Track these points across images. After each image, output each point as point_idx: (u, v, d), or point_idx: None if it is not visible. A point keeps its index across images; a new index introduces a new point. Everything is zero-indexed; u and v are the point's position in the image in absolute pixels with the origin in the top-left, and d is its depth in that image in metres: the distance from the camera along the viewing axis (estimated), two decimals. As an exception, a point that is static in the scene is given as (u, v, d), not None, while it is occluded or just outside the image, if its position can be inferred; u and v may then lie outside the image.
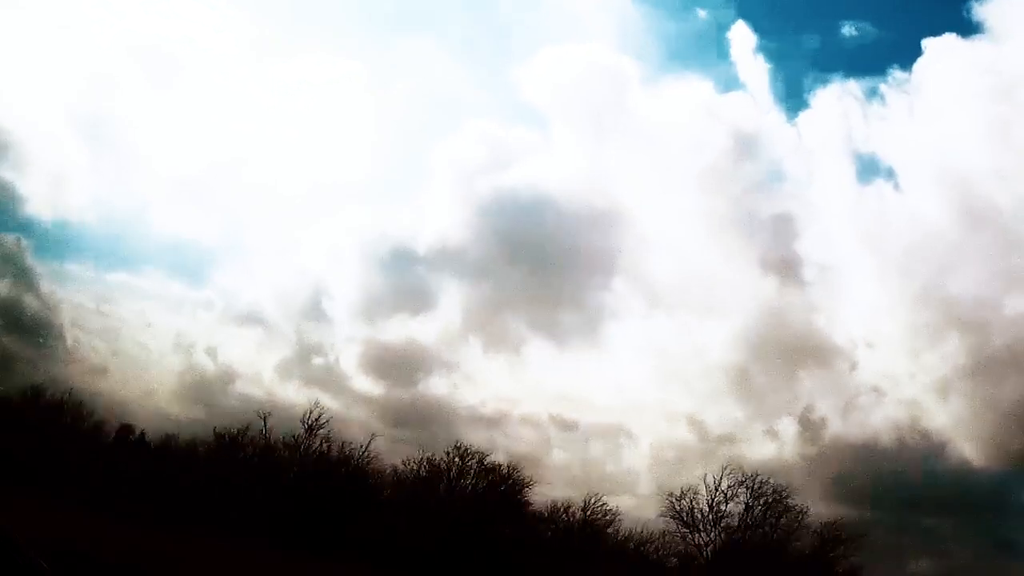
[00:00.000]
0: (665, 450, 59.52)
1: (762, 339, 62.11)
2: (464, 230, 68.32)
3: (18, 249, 55.44)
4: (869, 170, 71.61)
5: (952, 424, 56.96)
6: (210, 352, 60.94)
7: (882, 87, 69.26)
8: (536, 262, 66.14)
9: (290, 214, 77.11)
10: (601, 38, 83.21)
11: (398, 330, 63.82)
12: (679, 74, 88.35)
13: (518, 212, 67.58)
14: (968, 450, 56.19)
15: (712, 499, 49.15)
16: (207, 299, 68.07)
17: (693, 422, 60.05)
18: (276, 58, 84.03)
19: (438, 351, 62.52)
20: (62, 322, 53.91)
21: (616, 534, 49.63)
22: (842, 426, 58.16)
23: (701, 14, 78.98)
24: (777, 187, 69.36)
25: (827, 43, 77.08)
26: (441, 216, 69.28)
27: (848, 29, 76.78)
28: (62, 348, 53.04)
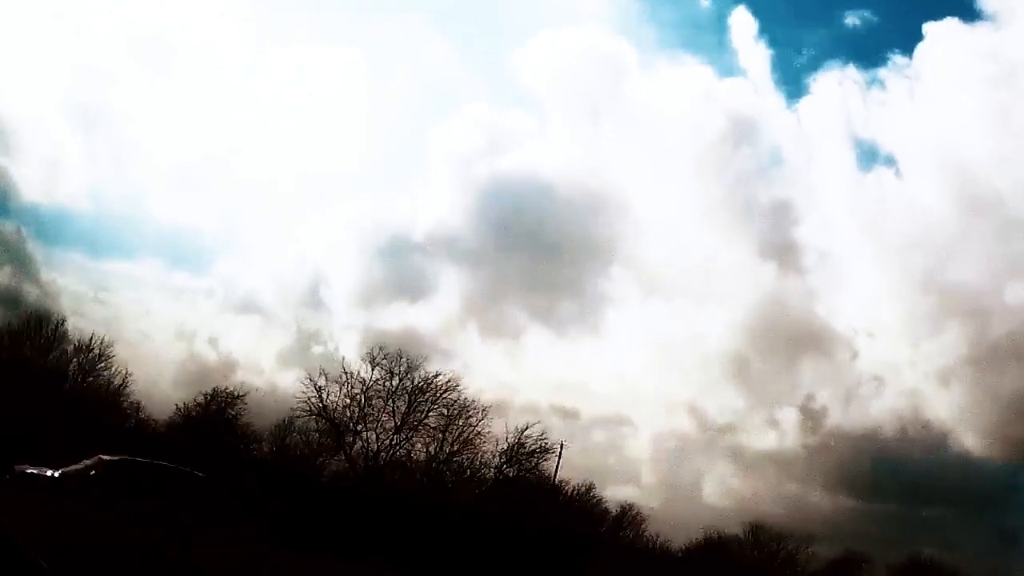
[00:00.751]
0: (666, 440, 59.57)
1: (761, 327, 62.35)
2: (461, 217, 68.33)
3: (18, 237, 54.75)
4: (869, 156, 72.18)
5: (954, 414, 57.57)
6: (211, 341, 60.81)
7: (883, 73, 69.66)
8: (533, 249, 66.20)
9: (288, 202, 77.25)
10: (599, 22, 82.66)
11: (396, 318, 63.69)
12: (678, 59, 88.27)
13: (515, 198, 67.50)
14: (970, 441, 57.08)
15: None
16: (206, 288, 68.18)
17: (693, 411, 60.48)
18: (273, 46, 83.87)
19: (436, 339, 62.59)
20: (62, 311, 53.18)
21: None
22: (843, 416, 58.79)
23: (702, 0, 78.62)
24: (777, 173, 69.72)
25: (828, 28, 77.24)
26: (438, 203, 69.45)
27: (849, 14, 76.83)
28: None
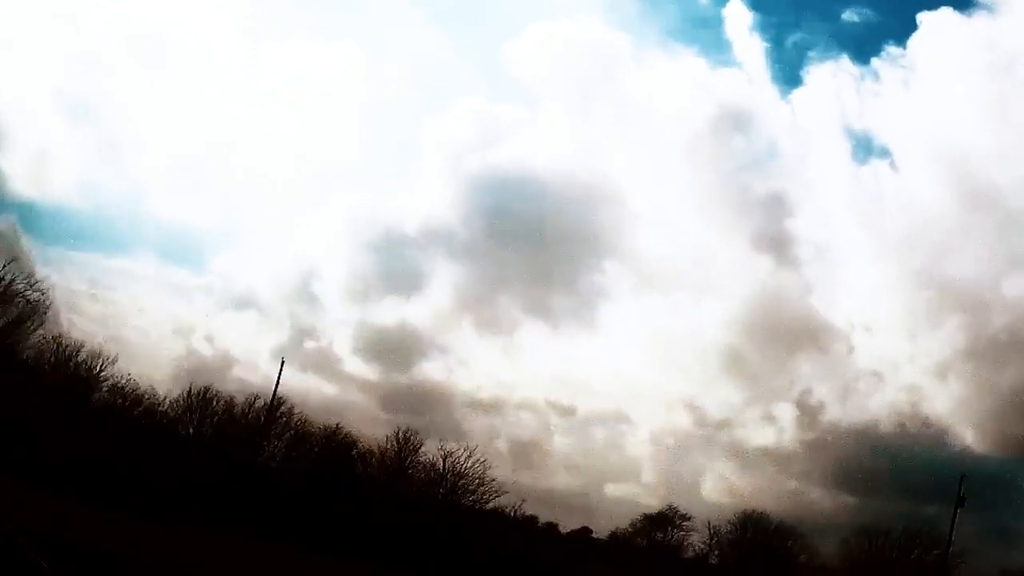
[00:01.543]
0: (664, 436, 59.35)
1: (757, 321, 62.04)
2: (454, 210, 67.96)
3: (13, 233, 54.44)
4: (865, 149, 71.21)
5: (953, 409, 57.17)
6: (208, 338, 60.52)
7: (878, 64, 68.76)
8: (528, 243, 65.80)
9: (283, 197, 76.47)
10: (593, 14, 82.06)
11: (390, 313, 63.51)
12: (672, 51, 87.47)
13: (509, 192, 67.16)
14: (969, 436, 56.32)
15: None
16: (202, 284, 67.62)
17: (691, 407, 60.15)
18: (269, 40, 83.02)
19: (431, 334, 62.39)
20: (58, 306, 52.94)
21: None
22: (841, 411, 58.37)
23: (696, -9, 78.29)
24: (772, 166, 69.04)
25: (822, 20, 76.67)
26: (431, 197, 68.82)
27: (843, 5, 76.32)
28: (59, 334, 51.88)
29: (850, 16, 75.25)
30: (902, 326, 61.34)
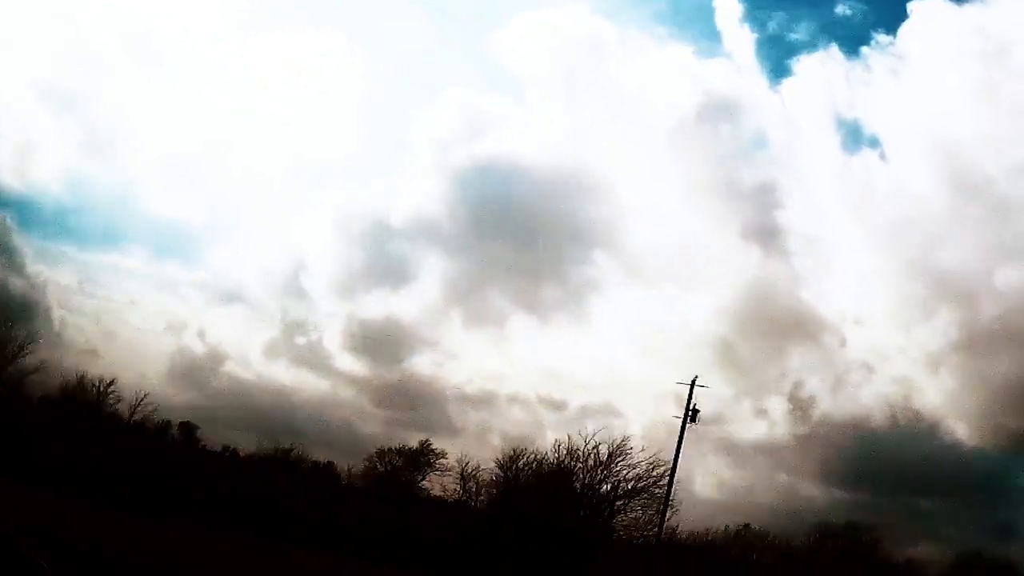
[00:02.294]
0: (656, 431, 59.27)
1: (747, 312, 62.29)
2: (441, 202, 67.84)
3: (4, 228, 54.48)
4: (855, 138, 71.34)
5: (945, 402, 57.44)
6: (200, 334, 60.51)
7: (867, 53, 68.79)
8: (515, 234, 65.90)
9: (272, 191, 76.55)
10: (580, 2, 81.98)
11: (379, 307, 63.58)
12: (661, 40, 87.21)
13: (496, 183, 67.38)
14: (961, 429, 56.68)
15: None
16: (192, 279, 67.44)
17: (681, 401, 59.80)
18: (258, 33, 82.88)
19: (419, 328, 62.35)
20: (49, 303, 53.18)
21: None
22: (832, 404, 58.58)
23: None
24: (761, 156, 68.96)
25: (813, 8, 76.63)
26: (418, 189, 68.76)
27: (834, -4, 76.20)
28: (50, 330, 52.12)
29: (841, 6, 75.36)
30: (893, 317, 61.64)
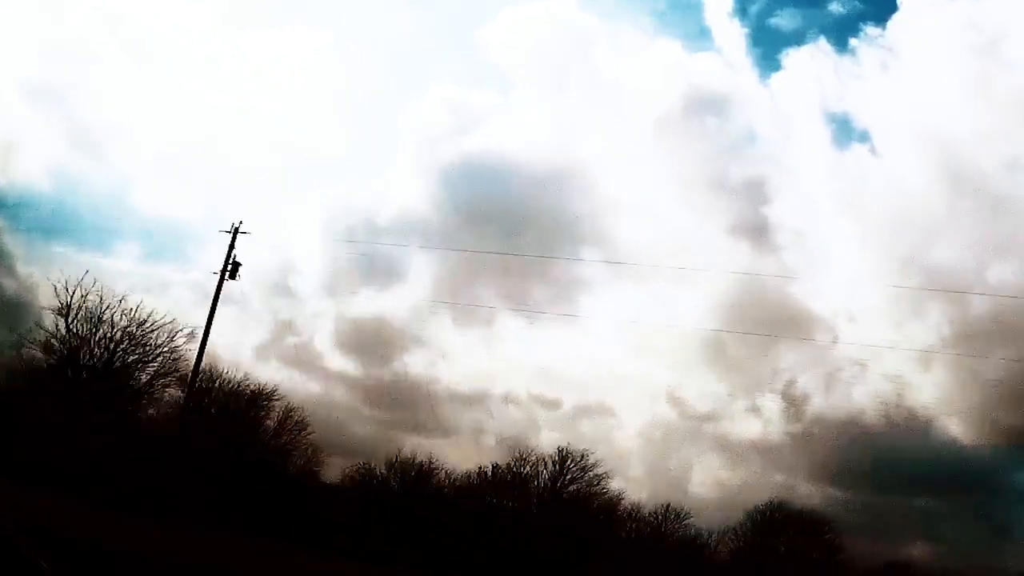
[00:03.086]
0: (651, 430, 59.40)
1: (738, 309, 61.52)
2: (429, 199, 67.28)
3: (-5, 229, 54.22)
4: (845, 133, 70.92)
5: (939, 399, 56.37)
6: (192, 335, 59.93)
7: (858, 47, 68.37)
8: (503, 231, 65.11)
9: (261, 190, 76.08)
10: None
11: (367, 305, 62.97)
12: (649, 35, 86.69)
13: (484, 179, 66.73)
14: (956, 427, 55.92)
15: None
16: (182, 279, 66.69)
17: (674, 399, 59.89)
18: (246, 30, 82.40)
19: (409, 326, 61.78)
20: (41, 304, 52.94)
21: None
22: (825, 402, 57.67)
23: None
24: (751, 151, 68.53)
25: (802, 1, 76.37)
26: (406, 186, 68.28)
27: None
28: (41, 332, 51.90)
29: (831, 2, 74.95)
30: (886, 314, 61.06)
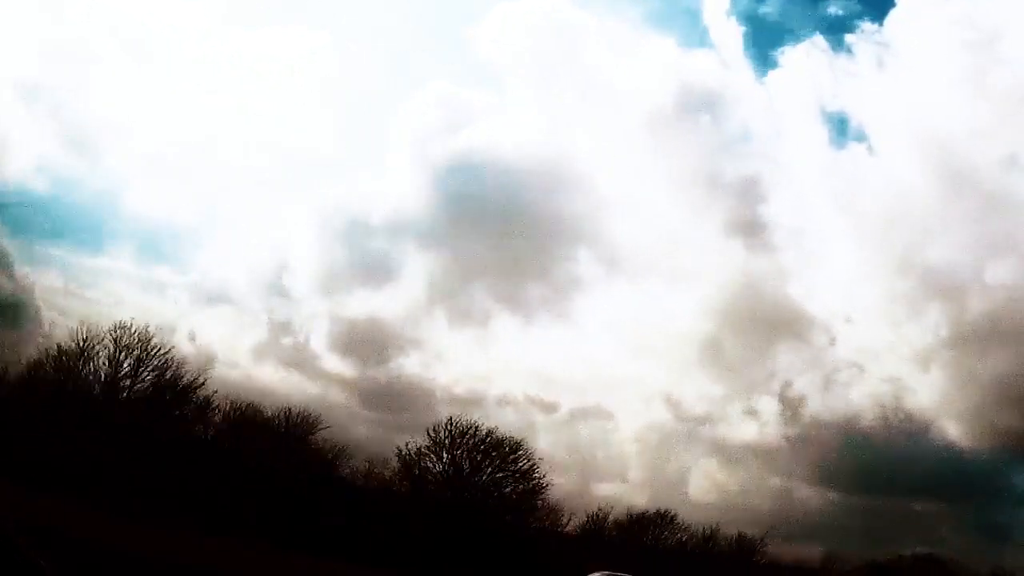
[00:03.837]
0: (648, 434, 59.17)
1: (734, 309, 61.15)
2: (422, 198, 66.00)
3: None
4: (841, 131, 69.74)
5: (936, 401, 56.40)
6: (190, 335, 59.86)
7: (854, 43, 67.47)
8: (498, 230, 64.19)
9: (255, 190, 75.38)
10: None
11: (361, 305, 62.50)
12: (643, 31, 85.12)
13: (477, 178, 65.11)
14: (954, 429, 55.83)
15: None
16: (179, 281, 66.39)
17: (670, 401, 59.60)
18: (242, 29, 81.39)
19: (404, 327, 61.42)
20: (38, 304, 53.05)
21: None
22: (822, 404, 57.54)
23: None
24: (746, 149, 67.33)
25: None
26: (400, 184, 66.61)
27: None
28: (39, 332, 52.00)
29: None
30: (883, 314, 60.15)
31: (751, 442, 57.90)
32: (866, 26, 66.32)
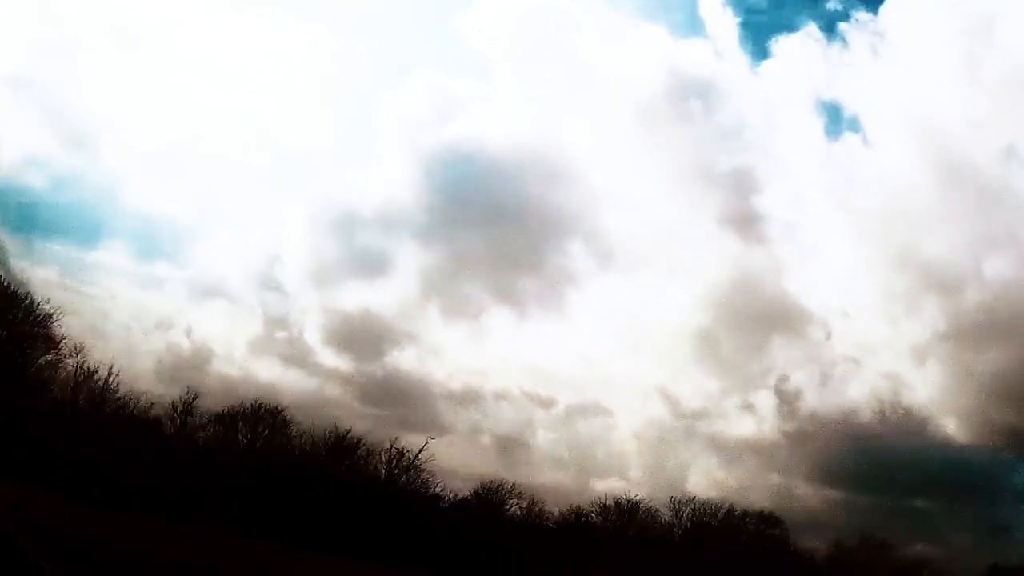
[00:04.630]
0: (647, 430, 58.90)
1: (729, 303, 60.97)
2: (413, 190, 65.90)
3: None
4: (836, 122, 69.02)
5: (934, 396, 56.10)
6: (187, 331, 59.80)
7: (848, 33, 66.99)
8: (490, 222, 64.02)
9: (247, 183, 75.16)
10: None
11: (354, 299, 62.48)
12: (635, 20, 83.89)
13: (469, 169, 65.07)
14: (952, 425, 55.58)
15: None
16: (177, 275, 66.06)
17: (666, 396, 59.37)
18: (237, 25, 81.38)
19: (398, 321, 61.25)
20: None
21: None
22: (820, 400, 57.22)
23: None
24: (741, 140, 66.59)
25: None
26: (391, 177, 66.51)
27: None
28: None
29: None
30: (880, 308, 59.79)
31: (749, 438, 57.80)
32: (861, 15, 66.15)
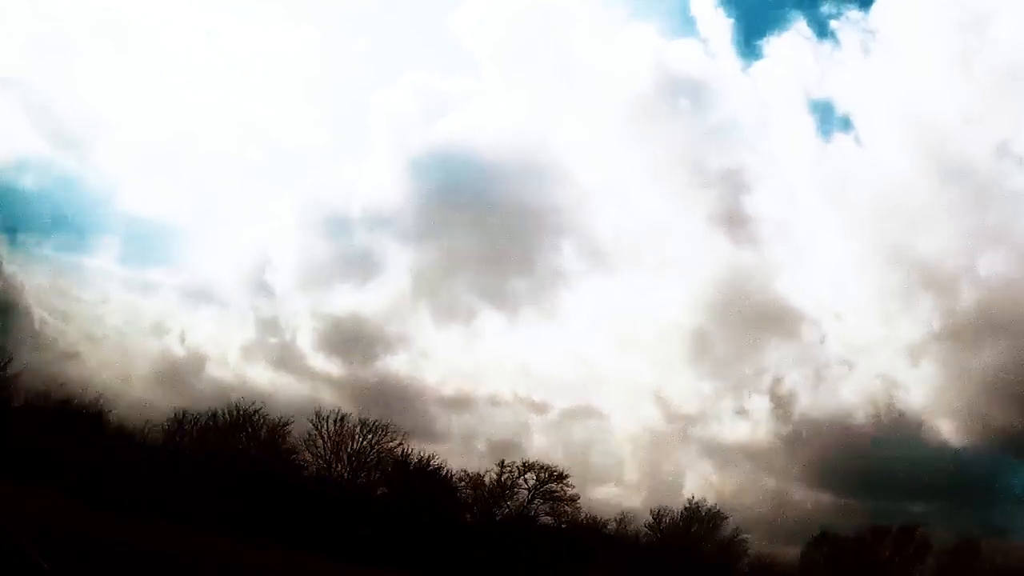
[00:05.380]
0: (640, 434, 58.78)
1: (722, 305, 60.74)
2: (403, 190, 65.76)
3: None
4: (828, 120, 69.01)
5: (928, 397, 55.82)
6: (180, 336, 59.70)
7: (840, 31, 67.01)
8: (481, 223, 63.81)
9: (238, 186, 75.36)
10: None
11: (345, 302, 62.22)
12: (626, 19, 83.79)
13: (459, 169, 65.29)
14: (946, 427, 55.25)
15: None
16: (169, 280, 65.77)
17: (659, 399, 59.39)
18: (229, 26, 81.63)
19: (388, 324, 61.15)
20: (28, 304, 53.07)
21: None
22: (813, 401, 57.12)
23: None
24: (732, 140, 66.70)
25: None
26: (381, 178, 66.54)
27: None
28: (30, 332, 52.00)
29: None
30: (873, 308, 59.37)
31: (743, 441, 57.46)
32: (852, 13, 66.17)
